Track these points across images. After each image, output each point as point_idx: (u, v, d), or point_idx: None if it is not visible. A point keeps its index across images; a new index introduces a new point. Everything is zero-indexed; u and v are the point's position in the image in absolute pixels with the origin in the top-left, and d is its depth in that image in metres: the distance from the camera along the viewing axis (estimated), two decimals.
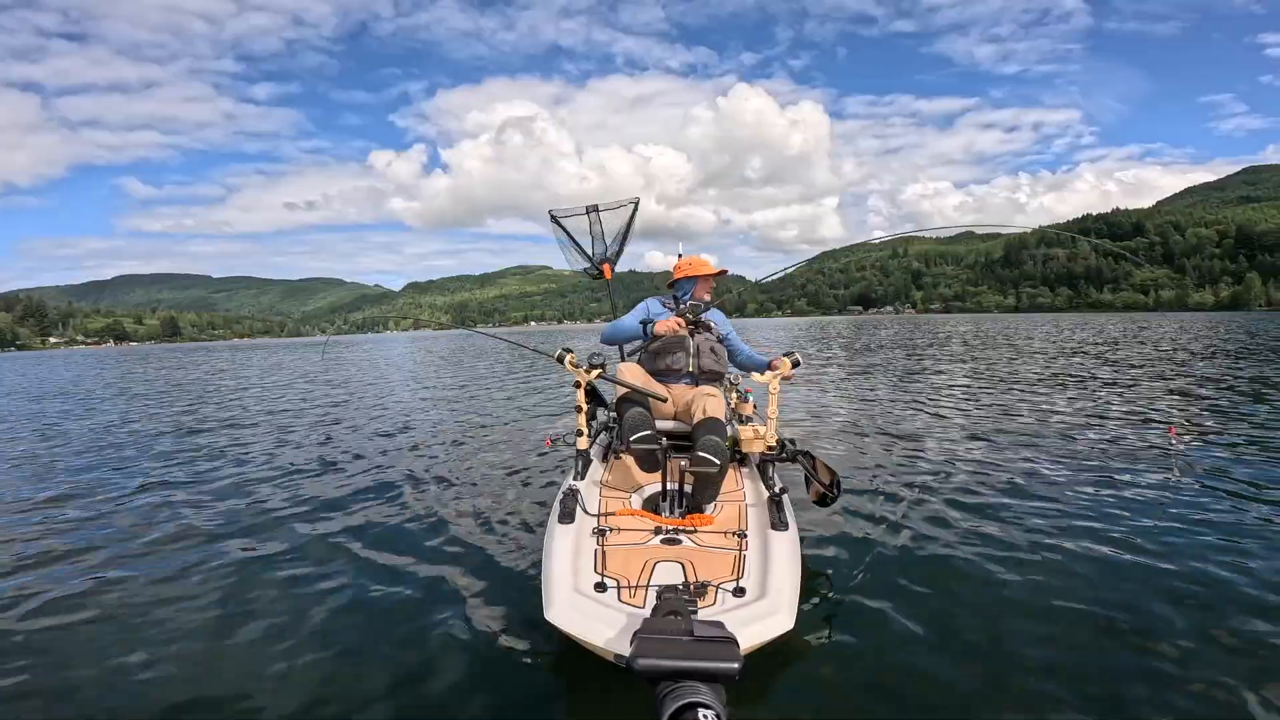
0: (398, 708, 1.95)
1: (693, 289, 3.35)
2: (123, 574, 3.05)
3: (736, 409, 3.00)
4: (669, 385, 3.12)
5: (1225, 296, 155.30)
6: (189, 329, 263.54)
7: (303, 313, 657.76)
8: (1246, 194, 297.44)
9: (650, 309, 3.33)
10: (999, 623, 2.36)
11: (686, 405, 2.94)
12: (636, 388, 2.79)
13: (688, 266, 3.37)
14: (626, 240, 4.07)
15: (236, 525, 3.80)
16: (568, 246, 4.14)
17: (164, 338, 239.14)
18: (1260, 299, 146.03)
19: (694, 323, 3.18)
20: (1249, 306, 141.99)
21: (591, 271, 4.12)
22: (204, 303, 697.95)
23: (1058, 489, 4.00)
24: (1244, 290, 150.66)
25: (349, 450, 5.88)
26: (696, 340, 3.16)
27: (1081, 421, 6.26)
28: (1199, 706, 1.87)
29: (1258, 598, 2.49)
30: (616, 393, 2.94)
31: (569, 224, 4.10)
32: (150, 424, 8.32)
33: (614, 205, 4.05)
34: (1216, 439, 5.34)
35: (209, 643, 2.39)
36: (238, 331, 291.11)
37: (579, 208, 4.07)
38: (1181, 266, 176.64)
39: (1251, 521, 3.35)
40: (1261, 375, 9.87)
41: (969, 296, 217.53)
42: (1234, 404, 7.18)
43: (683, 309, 3.20)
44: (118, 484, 4.95)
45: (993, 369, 11.85)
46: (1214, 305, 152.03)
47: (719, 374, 3.19)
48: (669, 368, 3.12)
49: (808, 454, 3.08)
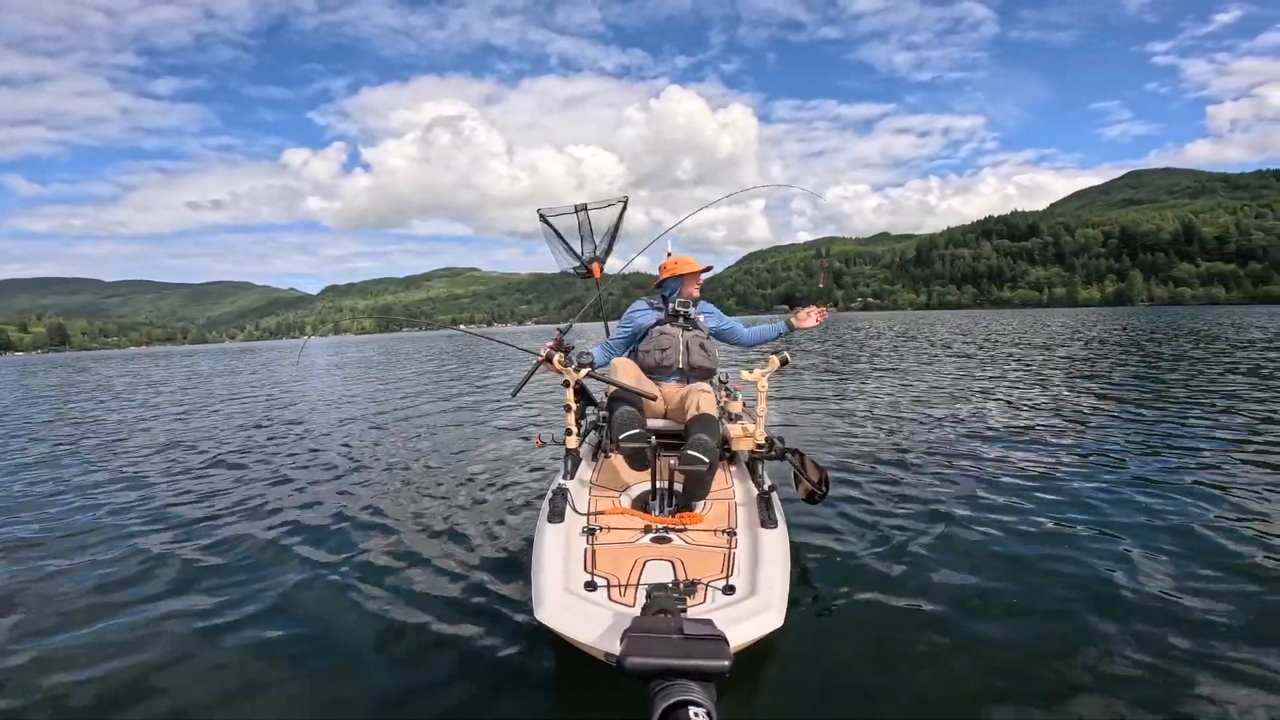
0: (386, 709, 1.94)
1: (680, 287, 3.40)
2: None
3: (725, 407, 3.03)
4: (659, 383, 3.14)
5: (1110, 293, 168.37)
6: (79, 337, 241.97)
7: (208, 318, 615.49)
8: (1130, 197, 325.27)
9: (636, 312, 3.39)
10: (989, 619, 2.37)
11: (678, 402, 2.99)
12: (625, 386, 2.80)
13: (675, 265, 3.41)
14: (615, 239, 4.05)
15: (211, 526, 3.70)
16: (557, 246, 4.10)
17: (51, 346, 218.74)
18: (1142, 295, 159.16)
19: (684, 319, 3.26)
20: (1132, 301, 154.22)
21: (580, 271, 4.08)
22: (94, 308, 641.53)
23: (1048, 480, 4.09)
24: (1128, 287, 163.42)
25: (329, 453, 5.67)
26: (686, 338, 3.18)
27: (1052, 410, 6.50)
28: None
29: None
30: (607, 391, 2.93)
31: (558, 223, 4.07)
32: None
33: (602, 204, 4.04)
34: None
35: (201, 648, 2.35)
36: (134, 339, 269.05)
37: (567, 207, 4.04)
38: (1071, 265, 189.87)
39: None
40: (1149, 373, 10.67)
41: (885, 295, 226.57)
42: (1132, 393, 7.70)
43: (673, 307, 3.28)
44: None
45: (964, 366, 12.16)
46: (1100, 301, 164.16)
47: (710, 370, 3.20)
48: (659, 365, 3.13)
49: (796, 452, 3.09)
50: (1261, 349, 13.34)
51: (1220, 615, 2.32)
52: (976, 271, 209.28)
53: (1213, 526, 3.14)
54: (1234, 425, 5.53)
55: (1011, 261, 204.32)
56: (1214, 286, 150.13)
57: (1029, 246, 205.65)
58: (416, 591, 2.70)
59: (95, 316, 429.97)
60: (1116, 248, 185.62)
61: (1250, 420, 5.72)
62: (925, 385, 9.14)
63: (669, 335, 3.16)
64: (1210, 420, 5.80)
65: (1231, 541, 2.96)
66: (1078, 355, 13.22)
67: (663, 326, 3.22)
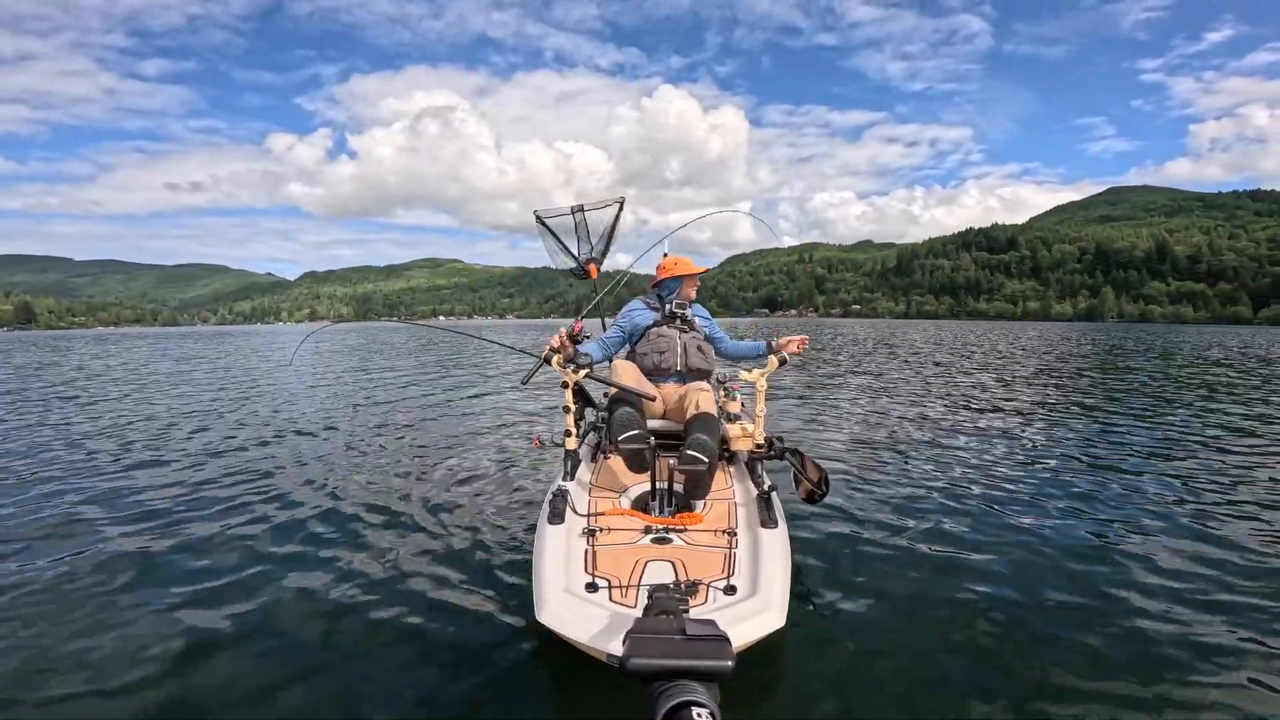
0: (388, 710, 1.93)
1: (679, 288, 3.40)
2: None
3: (724, 407, 3.03)
4: (657, 384, 3.14)
5: (1082, 308, 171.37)
6: (46, 316, 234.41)
7: (180, 300, 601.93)
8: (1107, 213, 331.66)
9: (634, 311, 3.39)
10: (991, 617, 2.39)
11: (676, 402, 3.00)
12: (623, 387, 2.80)
13: (674, 266, 3.41)
14: (613, 239, 4.08)
15: (215, 525, 3.62)
16: (553, 246, 4.09)
17: (17, 325, 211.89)
18: (1113, 311, 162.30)
19: (682, 321, 3.28)
20: (1103, 317, 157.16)
21: (578, 272, 4.08)
22: (63, 287, 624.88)
23: (1051, 479, 4.25)
24: (1099, 303, 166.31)
25: (325, 453, 5.49)
26: (684, 339, 3.20)
27: (1057, 414, 6.62)
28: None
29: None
30: (606, 392, 2.93)
31: (554, 224, 4.08)
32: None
33: (599, 205, 4.05)
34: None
35: (205, 647, 2.33)
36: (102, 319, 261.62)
37: (564, 208, 4.05)
38: (1046, 280, 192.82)
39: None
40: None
41: (865, 302, 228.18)
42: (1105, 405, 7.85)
43: (670, 308, 3.30)
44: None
45: (948, 372, 12.34)
46: (1073, 315, 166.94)
47: (707, 372, 3.21)
48: (657, 367, 3.14)
49: (796, 451, 3.10)
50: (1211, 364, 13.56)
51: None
52: (955, 283, 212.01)
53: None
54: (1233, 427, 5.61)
55: (989, 274, 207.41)
56: (1183, 305, 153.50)
57: (1007, 259, 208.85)
58: (417, 594, 2.68)
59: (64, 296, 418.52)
60: (1091, 264, 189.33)
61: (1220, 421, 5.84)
62: (919, 389, 9.22)
63: (667, 337, 3.17)
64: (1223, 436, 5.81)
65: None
66: (1070, 366, 13.43)
67: (660, 328, 3.23)
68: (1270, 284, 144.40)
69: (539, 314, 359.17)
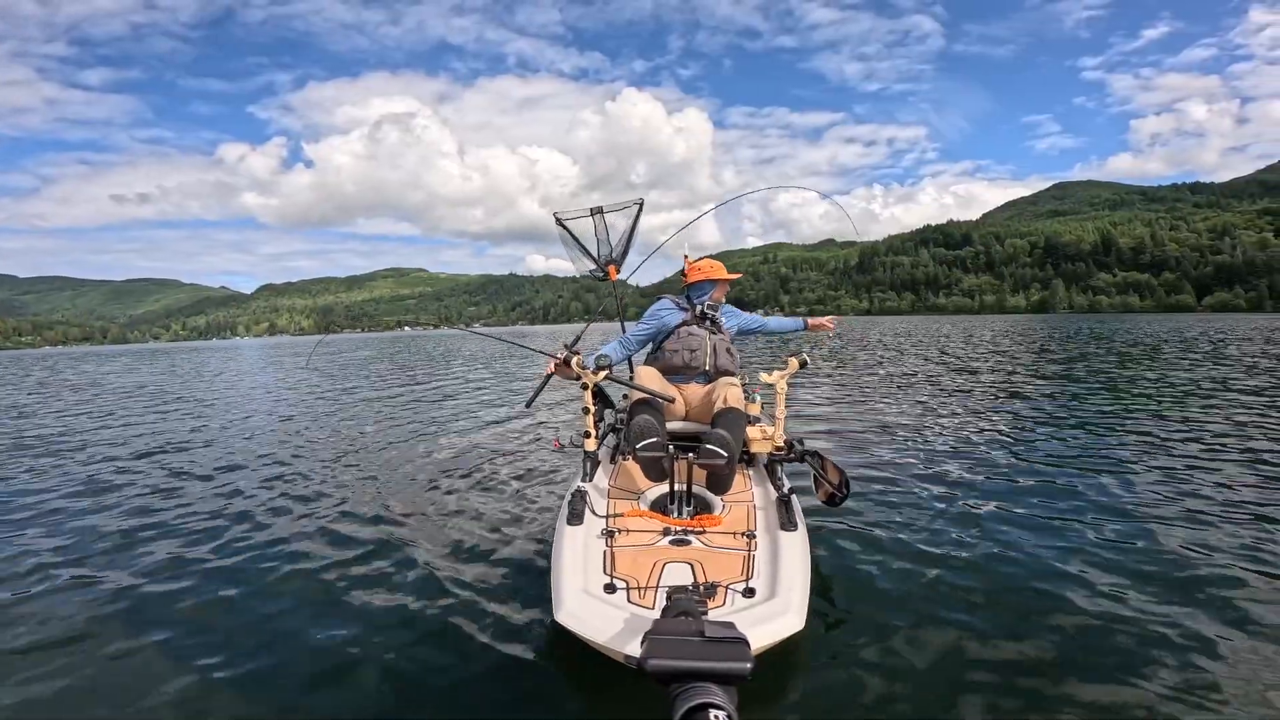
0: (407, 708, 1.97)
1: (711, 291, 3.47)
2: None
3: (744, 409, 3.05)
4: (684, 385, 3.19)
5: (1035, 301, 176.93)
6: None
7: (129, 316, 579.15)
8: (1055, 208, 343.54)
9: (663, 310, 3.42)
10: (1015, 623, 2.35)
11: (701, 401, 3.06)
12: (643, 390, 2.82)
13: (709, 269, 3.47)
14: (632, 241, 4.17)
15: (233, 527, 3.73)
16: (574, 249, 4.18)
17: None
18: (1064, 303, 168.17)
19: (711, 322, 3.37)
20: (1055, 309, 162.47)
21: (598, 274, 4.17)
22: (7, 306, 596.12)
23: (1077, 479, 4.16)
24: (1050, 295, 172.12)
25: (350, 452, 5.71)
26: (714, 340, 3.24)
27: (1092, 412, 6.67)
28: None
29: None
30: (630, 395, 2.98)
31: (574, 227, 4.17)
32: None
33: (618, 207, 4.15)
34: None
35: (221, 641, 2.40)
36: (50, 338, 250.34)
37: (583, 211, 4.14)
38: (1001, 274, 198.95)
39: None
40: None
41: (829, 300, 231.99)
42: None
43: (701, 309, 3.37)
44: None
45: (951, 372, 12.23)
46: (1026, 308, 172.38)
47: (732, 373, 3.26)
48: (687, 365, 3.18)
49: (816, 454, 3.07)
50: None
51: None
52: (915, 279, 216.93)
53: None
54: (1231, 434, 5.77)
55: (947, 269, 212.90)
56: (1130, 295, 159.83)
57: (963, 255, 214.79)
58: (435, 593, 2.70)
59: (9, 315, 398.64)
60: (1041, 257, 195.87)
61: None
62: (940, 392, 9.01)
63: (697, 336, 3.21)
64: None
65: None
66: (1066, 359, 13.55)
67: (690, 327, 3.26)
68: (1213, 273, 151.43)
69: (505, 321, 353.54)
